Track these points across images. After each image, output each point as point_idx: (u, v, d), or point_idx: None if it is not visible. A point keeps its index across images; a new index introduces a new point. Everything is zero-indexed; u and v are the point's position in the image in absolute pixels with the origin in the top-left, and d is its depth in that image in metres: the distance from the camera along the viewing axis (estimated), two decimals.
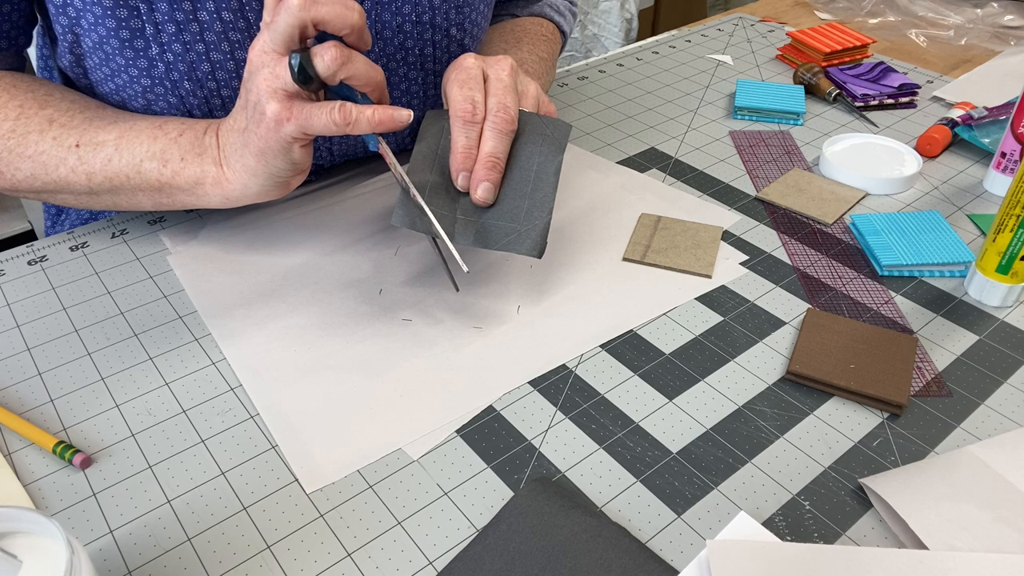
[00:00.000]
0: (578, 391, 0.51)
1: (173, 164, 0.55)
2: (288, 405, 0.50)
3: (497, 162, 0.54)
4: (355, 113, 0.48)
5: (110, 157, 0.56)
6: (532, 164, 0.56)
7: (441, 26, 0.65)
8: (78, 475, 0.46)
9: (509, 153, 0.55)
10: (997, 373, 0.52)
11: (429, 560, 0.41)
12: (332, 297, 0.58)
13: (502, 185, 0.55)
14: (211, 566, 0.41)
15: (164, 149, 0.55)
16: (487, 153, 0.54)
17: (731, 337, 0.55)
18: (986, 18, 1.06)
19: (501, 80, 0.56)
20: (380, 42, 0.63)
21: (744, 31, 1.05)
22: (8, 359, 0.54)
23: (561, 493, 0.43)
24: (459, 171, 0.54)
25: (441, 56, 0.67)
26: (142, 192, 0.57)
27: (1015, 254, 0.55)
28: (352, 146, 0.70)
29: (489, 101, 0.55)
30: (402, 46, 0.64)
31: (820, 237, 0.65)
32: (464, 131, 0.54)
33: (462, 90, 0.55)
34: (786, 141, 0.79)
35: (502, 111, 0.54)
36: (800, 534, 0.42)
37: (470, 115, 0.54)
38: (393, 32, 0.63)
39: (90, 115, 0.58)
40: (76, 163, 0.56)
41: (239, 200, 0.55)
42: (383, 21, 0.62)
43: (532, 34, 0.77)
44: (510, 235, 0.54)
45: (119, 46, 0.56)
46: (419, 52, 0.65)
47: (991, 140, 0.75)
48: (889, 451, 0.47)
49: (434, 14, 0.64)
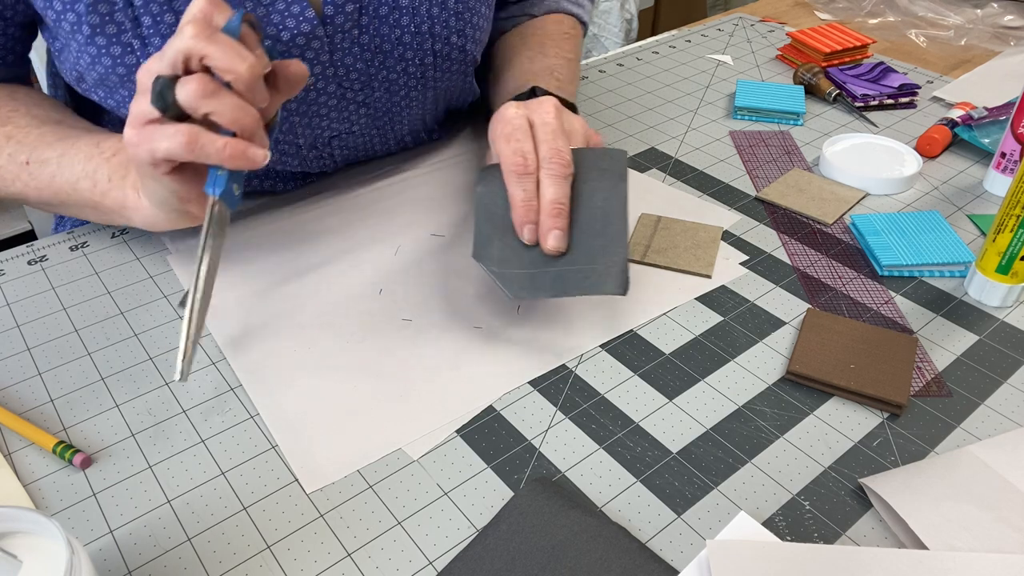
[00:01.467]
0: (578, 391, 0.51)
1: (101, 186, 0.55)
2: (288, 405, 0.50)
3: (562, 208, 0.53)
4: (202, 139, 0.45)
5: (53, 174, 0.56)
6: (597, 200, 0.54)
7: (441, 35, 0.64)
8: (78, 475, 0.46)
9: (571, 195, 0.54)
10: (997, 373, 0.52)
11: (429, 560, 0.41)
12: (332, 297, 0.58)
13: (571, 229, 0.54)
14: (211, 566, 0.41)
15: (96, 169, 0.55)
16: (550, 200, 0.53)
17: (731, 337, 0.55)
18: (986, 18, 1.06)
19: (548, 124, 0.55)
20: (380, 56, 0.62)
21: (744, 31, 1.05)
22: (8, 359, 0.54)
23: (561, 493, 0.43)
24: (523, 224, 0.53)
25: (442, 64, 0.66)
26: (86, 208, 0.58)
27: (1015, 254, 0.55)
28: (354, 150, 0.70)
29: (540, 148, 0.54)
30: (402, 58, 0.63)
31: (820, 237, 0.65)
32: (520, 184, 0.53)
33: (509, 144, 0.54)
34: (786, 141, 0.79)
35: (556, 156, 0.54)
36: (800, 534, 0.42)
37: (523, 167, 0.53)
38: (392, 45, 0.62)
39: (44, 130, 0.58)
40: (28, 179, 0.57)
41: (157, 227, 0.54)
42: (382, 35, 0.61)
43: (555, 36, 0.75)
44: (590, 277, 0.51)
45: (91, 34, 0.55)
46: (419, 62, 0.65)
47: (991, 140, 0.75)
48: (889, 451, 0.47)
49: (433, 24, 0.63)
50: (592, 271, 0.52)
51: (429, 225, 0.66)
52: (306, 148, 0.67)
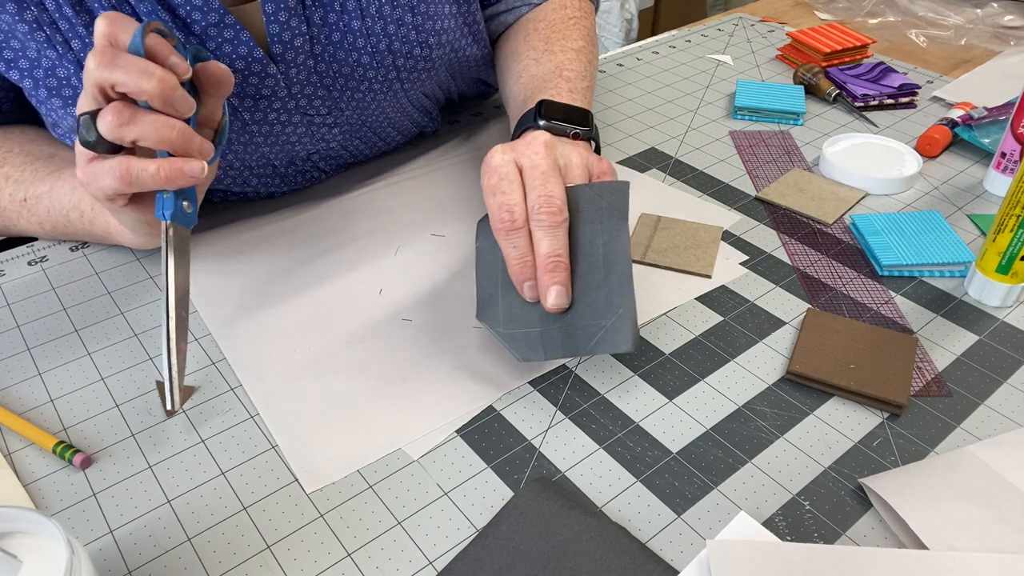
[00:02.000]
0: (578, 391, 0.51)
1: (88, 215, 0.57)
2: (288, 405, 0.50)
3: (558, 261, 0.49)
4: (133, 169, 0.45)
5: (48, 209, 0.58)
6: (597, 245, 0.51)
7: (401, 51, 0.62)
8: (78, 475, 0.46)
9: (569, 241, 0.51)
10: (997, 373, 0.52)
11: (429, 560, 0.41)
12: (332, 297, 0.58)
13: (573, 280, 0.50)
14: (211, 566, 0.41)
15: (80, 199, 0.56)
16: (544, 255, 0.49)
17: (731, 337, 0.55)
18: (986, 18, 1.06)
19: (537, 168, 0.51)
20: (341, 79, 0.60)
21: (744, 31, 1.05)
22: (8, 359, 0.54)
23: (561, 493, 0.43)
24: (521, 283, 0.50)
25: (409, 76, 0.64)
26: (83, 235, 0.60)
27: (1015, 254, 0.55)
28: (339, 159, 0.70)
29: (530, 197, 0.50)
30: (364, 78, 0.61)
31: (820, 237, 0.65)
32: (510, 241, 0.50)
33: (496, 197, 0.51)
34: (786, 141, 0.79)
35: (545, 205, 0.49)
36: (800, 534, 0.42)
37: (510, 224, 0.50)
38: (352, 68, 0.60)
39: (37, 166, 0.59)
40: (29, 215, 0.59)
41: (144, 247, 0.57)
42: (338, 60, 0.59)
43: (558, 25, 0.70)
44: (598, 333, 0.49)
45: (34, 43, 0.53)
46: (383, 78, 0.62)
47: (991, 140, 0.75)
48: (889, 451, 0.47)
49: (391, 41, 0.61)
50: (599, 327, 0.49)
51: (429, 225, 0.66)
52: (283, 167, 0.66)
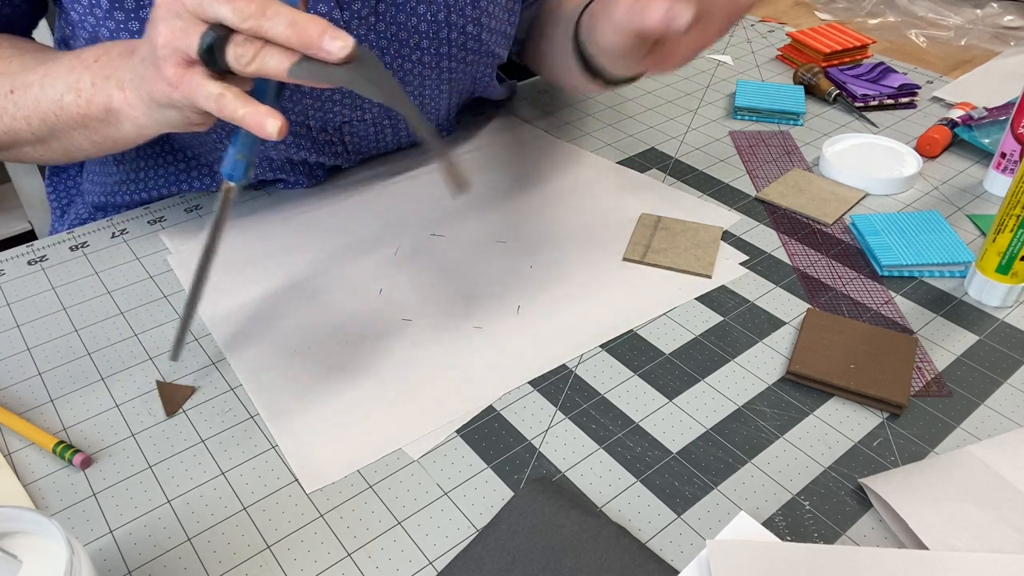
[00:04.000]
0: (578, 391, 0.51)
1: (86, 93, 0.52)
2: (288, 405, 0.50)
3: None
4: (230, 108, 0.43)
5: (37, 98, 0.55)
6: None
7: (457, 24, 0.64)
8: (78, 475, 0.46)
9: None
10: (997, 373, 0.52)
11: (429, 560, 0.41)
12: (332, 297, 0.58)
13: None
14: (211, 566, 0.41)
15: (78, 78, 0.53)
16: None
17: (731, 337, 0.55)
18: (986, 18, 1.06)
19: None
20: (396, 44, 0.62)
21: (744, 31, 1.05)
22: (8, 359, 0.54)
23: (561, 493, 0.43)
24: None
25: (457, 54, 0.66)
26: (74, 131, 0.55)
27: (1015, 254, 0.55)
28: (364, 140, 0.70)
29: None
30: (417, 46, 0.63)
31: (820, 237, 0.65)
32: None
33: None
34: (786, 141, 0.79)
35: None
36: (800, 534, 0.42)
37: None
38: (408, 33, 0.62)
39: (27, 58, 0.57)
40: (15, 110, 0.56)
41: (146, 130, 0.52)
42: (398, 23, 0.61)
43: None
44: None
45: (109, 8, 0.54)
46: (435, 51, 0.65)
47: (991, 140, 0.75)
48: (889, 451, 0.47)
49: (449, 12, 0.63)
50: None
51: (429, 225, 0.66)
52: (316, 131, 0.66)
